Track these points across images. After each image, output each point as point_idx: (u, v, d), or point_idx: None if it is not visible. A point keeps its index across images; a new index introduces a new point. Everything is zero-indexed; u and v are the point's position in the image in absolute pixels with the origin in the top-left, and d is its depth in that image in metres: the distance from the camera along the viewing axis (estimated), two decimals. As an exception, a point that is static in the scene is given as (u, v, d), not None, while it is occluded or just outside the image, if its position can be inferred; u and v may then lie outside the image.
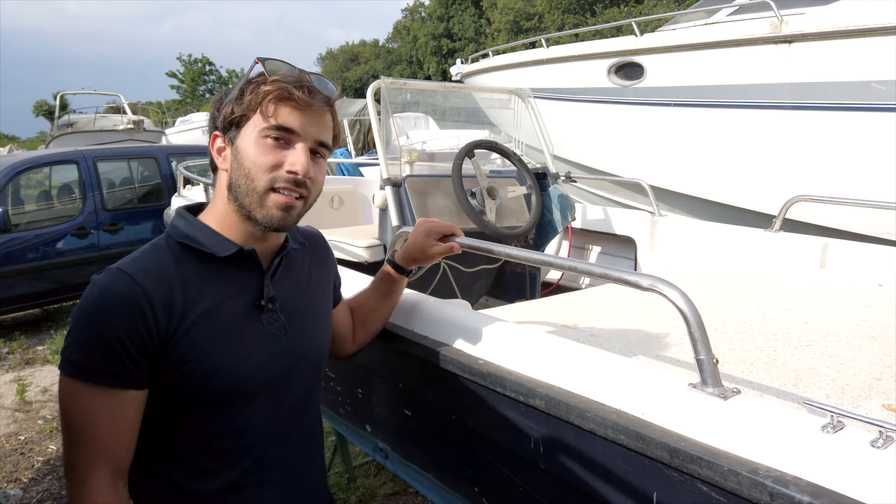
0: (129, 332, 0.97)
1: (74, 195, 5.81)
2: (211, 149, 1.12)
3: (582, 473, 1.19)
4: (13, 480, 3.16)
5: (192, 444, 1.08)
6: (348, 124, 14.53)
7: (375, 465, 3.00)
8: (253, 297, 1.11)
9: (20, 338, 5.32)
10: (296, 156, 1.07)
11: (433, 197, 3.08)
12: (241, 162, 1.07)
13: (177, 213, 1.14)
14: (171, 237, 1.09)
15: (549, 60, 6.21)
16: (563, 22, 29.48)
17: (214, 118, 1.12)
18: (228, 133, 1.09)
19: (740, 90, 4.71)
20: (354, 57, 50.16)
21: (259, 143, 1.06)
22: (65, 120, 15.87)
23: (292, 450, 1.18)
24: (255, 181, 1.06)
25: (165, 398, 1.04)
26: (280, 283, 1.17)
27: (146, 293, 0.99)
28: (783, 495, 0.85)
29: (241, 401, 1.09)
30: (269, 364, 1.11)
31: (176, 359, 1.02)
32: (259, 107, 1.05)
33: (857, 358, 1.50)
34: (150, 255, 1.06)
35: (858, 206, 3.66)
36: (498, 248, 1.46)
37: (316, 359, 1.25)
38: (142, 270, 1.01)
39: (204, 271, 1.07)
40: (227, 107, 1.08)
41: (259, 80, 1.06)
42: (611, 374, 1.17)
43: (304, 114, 1.06)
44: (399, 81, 3.30)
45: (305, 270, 1.26)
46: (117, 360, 0.98)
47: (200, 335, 1.03)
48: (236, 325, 1.08)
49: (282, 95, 1.04)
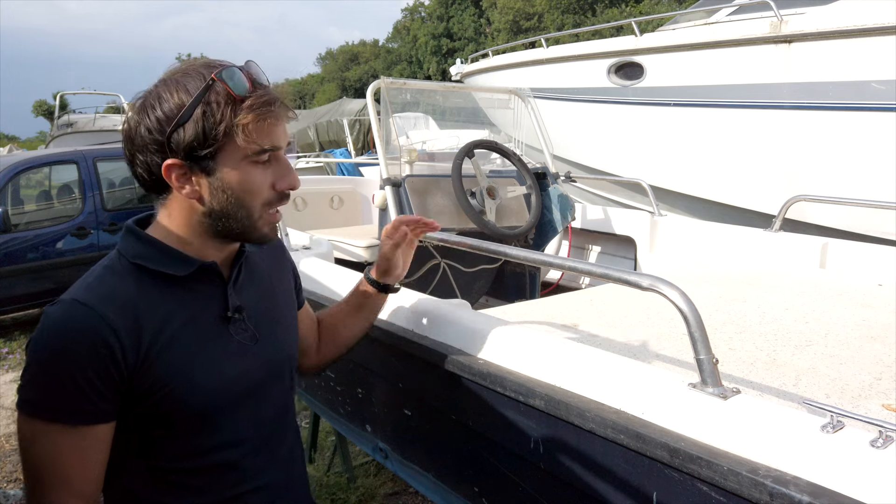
0: (95, 367, 0.92)
1: (74, 195, 5.80)
2: (165, 177, 0.99)
3: (582, 473, 1.19)
4: (13, 480, 3.16)
5: (176, 465, 1.05)
6: (348, 124, 14.53)
7: (375, 465, 3.00)
8: (219, 310, 1.07)
9: (20, 338, 5.32)
10: (284, 170, 1.04)
11: (433, 197, 3.08)
12: (230, 191, 1.01)
13: (126, 229, 1.06)
14: (125, 257, 1.02)
15: (548, 60, 6.21)
16: (563, 22, 29.49)
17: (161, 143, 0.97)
18: (195, 162, 0.98)
19: (740, 90, 4.71)
20: (354, 57, 50.15)
21: (248, 170, 1.01)
22: (65, 120, 15.88)
23: (277, 457, 1.17)
24: (249, 207, 1.03)
25: (143, 424, 1.01)
26: (243, 290, 1.13)
27: (110, 325, 0.93)
28: (783, 495, 0.85)
29: (220, 416, 1.06)
30: (244, 375, 1.09)
31: (149, 385, 0.97)
32: (239, 132, 0.97)
33: (857, 358, 1.50)
34: (106, 279, 0.99)
35: (858, 206, 3.66)
36: (498, 248, 1.46)
37: (289, 363, 1.22)
38: (102, 299, 0.95)
39: (166, 291, 1.02)
40: (181, 131, 0.96)
41: (221, 99, 0.97)
42: (611, 374, 1.17)
43: (282, 125, 1.03)
44: (399, 81, 3.30)
45: (266, 273, 1.22)
46: (83, 397, 0.92)
47: (172, 358, 0.99)
48: (206, 341, 1.05)
49: (262, 117, 0.98)
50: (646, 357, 1.51)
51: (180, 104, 0.97)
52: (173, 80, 1.00)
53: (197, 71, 0.99)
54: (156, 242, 1.04)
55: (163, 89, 0.99)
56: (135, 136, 1.00)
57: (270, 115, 1.00)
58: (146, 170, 1.01)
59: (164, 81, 1.00)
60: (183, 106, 0.97)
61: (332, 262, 2.47)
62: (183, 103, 0.97)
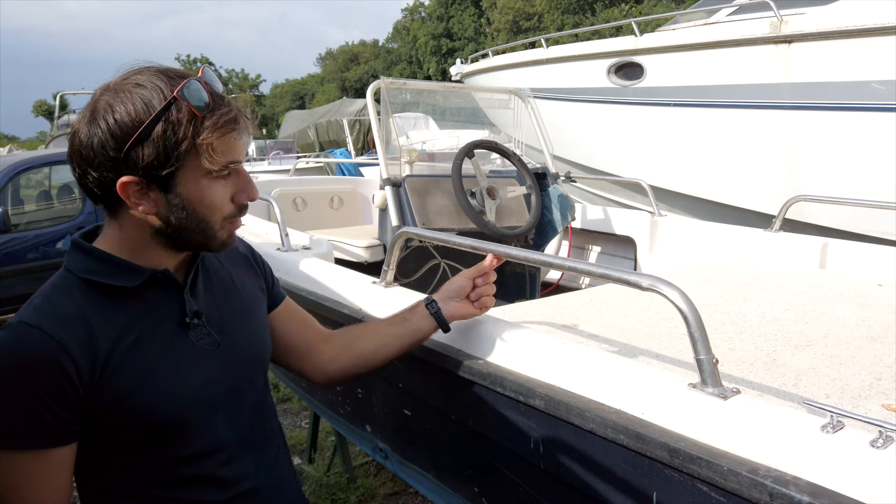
0: (49, 390, 0.89)
1: (74, 195, 5.80)
2: (121, 194, 0.95)
3: (582, 473, 1.19)
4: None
5: (155, 479, 1.02)
6: (348, 124, 14.53)
7: (375, 465, 3.00)
8: (177, 317, 1.04)
9: (20, 338, 5.32)
10: (243, 183, 1.03)
11: (433, 197, 3.08)
12: (190, 208, 0.98)
13: (72, 243, 1.03)
14: (73, 273, 0.99)
15: (548, 60, 6.21)
16: (563, 22, 29.49)
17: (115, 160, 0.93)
18: (154, 180, 0.95)
19: (740, 90, 4.71)
20: (354, 57, 50.17)
21: (209, 185, 0.98)
22: (64, 120, 15.88)
23: (261, 461, 1.14)
24: (208, 221, 1.01)
25: (109, 440, 0.98)
26: (202, 294, 1.10)
27: (61, 343, 0.90)
28: (783, 495, 0.85)
29: (192, 424, 1.03)
30: (210, 381, 1.06)
31: (110, 401, 0.95)
32: (203, 151, 0.94)
33: (857, 358, 1.50)
34: (55, 299, 0.96)
35: (858, 206, 3.66)
36: (498, 248, 1.46)
37: (260, 363, 1.19)
38: (51, 319, 0.92)
39: (118, 304, 0.99)
40: (139, 149, 0.92)
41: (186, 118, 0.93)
42: (611, 374, 1.17)
43: (242, 139, 1.01)
44: (399, 81, 3.30)
45: (227, 274, 1.19)
46: (38, 420, 0.90)
47: (131, 370, 0.96)
48: (166, 349, 1.01)
49: (224, 133, 0.96)
50: (646, 357, 1.51)
51: (138, 120, 0.92)
52: (126, 90, 0.94)
53: (153, 83, 0.94)
54: (103, 255, 1.00)
55: (116, 102, 0.93)
56: (85, 151, 0.95)
57: (233, 131, 0.97)
58: (98, 185, 0.97)
59: (115, 91, 0.94)
60: (141, 122, 0.92)
61: (332, 263, 2.47)
62: (141, 119, 0.92)
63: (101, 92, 0.96)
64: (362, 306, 1.87)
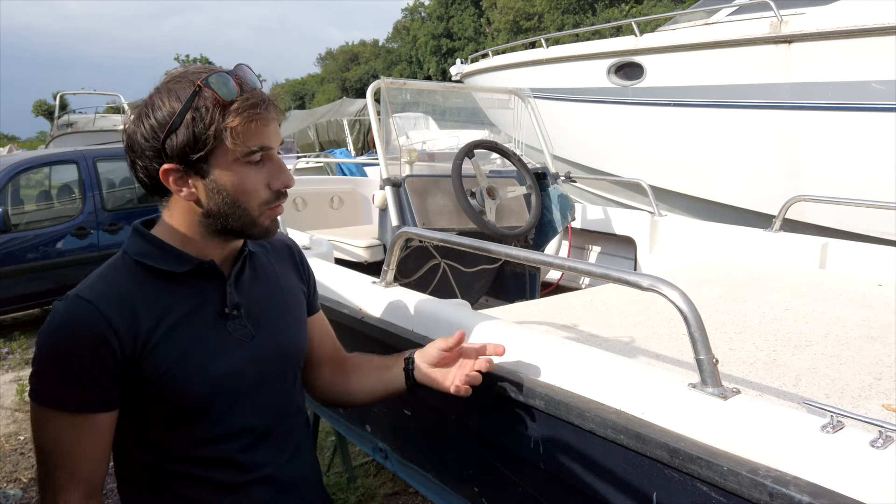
0: (92, 359, 0.99)
1: (74, 195, 5.80)
2: (164, 180, 1.04)
3: (582, 473, 1.19)
4: (13, 480, 3.16)
5: (177, 454, 1.09)
6: (348, 124, 14.53)
7: (375, 465, 3.00)
8: (217, 307, 1.11)
9: (20, 338, 5.32)
10: (277, 170, 1.08)
11: (433, 197, 3.08)
12: (225, 193, 1.05)
13: (133, 228, 1.13)
14: (128, 254, 1.09)
15: (548, 60, 6.20)
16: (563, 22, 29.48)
17: (157, 149, 1.02)
18: (191, 166, 1.03)
19: (740, 90, 4.71)
20: (354, 57, 50.15)
21: (241, 171, 1.05)
22: (64, 120, 15.89)
23: (280, 453, 1.19)
24: (245, 207, 1.07)
25: (145, 414, 1.06)
26: (245, 288, 1.16)
27: (107, 319, 1.00)
28: (783, 495, 0.85)
29: (219, 408, 1.09)
30: (240, 370, 1.11)
31: (146, 376, 1.03)
32: (230, 136, 1.01)
33: (857, 358, 1.50)
34: (108, 277, 1.06)
35: (858, 206, 3.66)
36: (498, 248, 1.46)
37: (291, 360, 1.24)
38: (102, 295, 1.02)
39: (164, 287, 1.07)
40: (174, 136, 1.01)
41: (210, 104, 1.00)
42: (611, 374, 1.17)
43: (270, 126, 1.06)
44: (399, 81, 3.30)
45: (272, 273, 1.25)
46: (83, 387, 0.99)
47: (168, 351, 1.04)
48: (203, 335, 1.08)
49: (250, 119, 1.02)
50: (646, 357, 1.51)
51: (172, 111, 1.01)
52: (166, 87, 1.04)
53: (187, 78, 1.03)
54: (158, 241, 1.09)
55: (157, 97, 1.04)
56: (134, 144, 1.05)
57: (257, 117, 1.03)
58: (146, 174, 1.07)
59: (157, 90, 1.05)
60: (174, 113, 1.01)
61: (332, 263, 2.47)
62: (174, 110, 1.01)
63: (150, 93, 1.07)
64: (362, 306, 1.87)
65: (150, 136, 1.03)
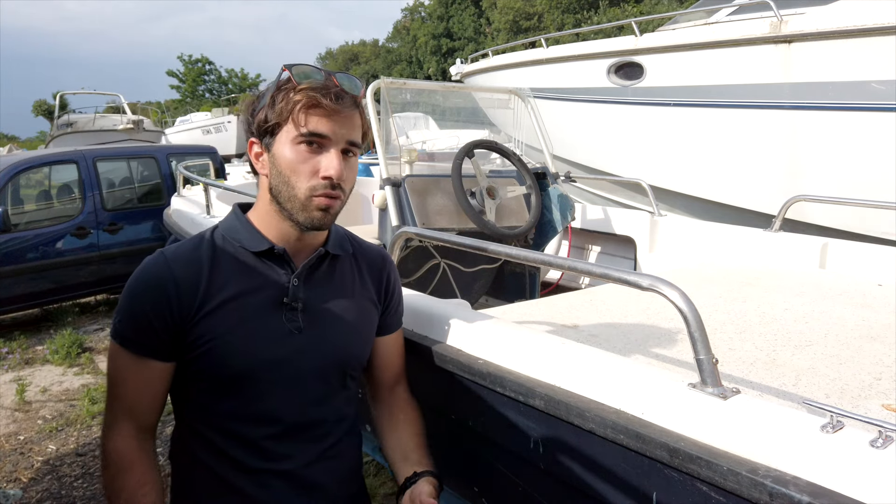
0: (154, 309, 1.09)
1: (74, 195, 5.80)
2: (249, 153, 1.18)
3: (582, 473, 1.19)
4: (13, 480, 3.16)
5: (211, 423, 1.15)
6: (348, 124, 14.49)
7: (375, 465, 3.00)
8: (278, 294, 1.16)
9: (20, 338, 5.31)
10: (329, 160, 1.11)
11: (433, 197, 3.08)
12: (280, 169, 1.12)
13: (233, 207, 1.23)
14: (219, 228, 1.20)
15: (548, 60, 6.20)
16: (563, 22, 29.47)
17: (249, 123, 1.16)
18: (264, 140, 1.14)
19: (740, 90, 4.71)
20: (354, 57, 50.16)
21: (294, 150, 1.10)
22: (64, 120, 15.88)
23: (310, 451, 1.19)
24: (294, 188, 1.11)
25: (191, 371, 1.13)
26: (313, 285, 1.20)
27: (174, 276, 1.10)
28: (783, 495, 0.85)
29: (255, 389, 1.14)
30: (282, 359, 1.15)
31: (196, 338, 1.10)
32: (290, 115, 1.09)
33: (857, 358, 1.50)
34: (192, 242, 1.17)
35: (858, 206, 3.66)
36: (497, 248, 1.46)
37: (338, 365, 1.23)
38: (177, 255, 1.13)
39: (237, 263, 1.15)
40: (259, 113, 1.13)
41: (288, 86, 1.10)
42: (610, 374, 1.17)
43: (333, 119, 1.10)
44: (399, 81, 3.30)
45: (351, 281, 1.27)
46: (144, 333, 1.09)
47: (220, 319, 1.11)
48: (256, 316, 1.13)
49: (311, 103, 1.08)
50: (646, 357, 1.51)
51: (264, 92, 1.15)
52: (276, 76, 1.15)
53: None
54: (244, 220, 1.19)
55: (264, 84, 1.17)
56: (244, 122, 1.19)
57: (318, 102, 1.08)
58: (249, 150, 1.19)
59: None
60: (265, 94, 1.14)
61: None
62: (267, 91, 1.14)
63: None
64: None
65: (247, 113, 1.17)
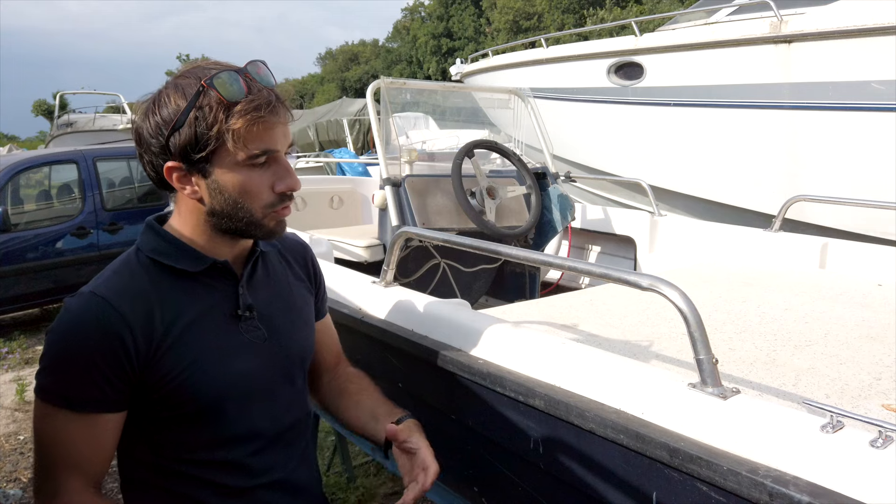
0: (106, 358, 0.96)
1: (74, 195, 5.80)
2: (167, 178, 1.03)
3: (582, 473, 1.19)
4: (13, 480, 3.16)
5: (188, 456, 1.07)
6: (348, 124, 14.52)
7: (375, 465, 3.00)
8: (230, 307, 1.10)
9: (20, 338, 5.31)
10: (283, 172, 1.05)
11: (433, 197, 3.08)
12: (227, 194, 1.03)
13: (146, 224, 1.11)
14: (142, 251, 1.07)
15: (548, 60, 6.20)
16: (563, 21, 29.47)
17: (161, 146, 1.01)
18: (194, 165, 1.01)
19: (740, 90, 4.71)
20: (354, 57, 50.14)
21: (243, 173, 1.02)
22: (64, 119, 15.88)
23: (290, 456, 1.18)
24: (248, 210, 1.04)
25: (153, 414, 1.04)
26: (257, 288, 1.15)
27: (123, 317, 0.98)
28: (783, 495, 0.85)
29: (231, 411, 1.08)
30: (252, 372, 1.10)
31: (161, 377, 1.01)
32: (230, 137, 0.98)
33: (857, 358, 1.50)
34: (123, 274, 1.04)
35: (858, 206, 3.66)
36: (497, 248, 1.46)
37: (301, 362, 1.22)
38: (117, 293, 1.00)
39: (179, 286, 1.05)
40: (178, 136, 0.99)
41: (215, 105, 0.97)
42: (610, 373, 1.17)
43: (277, 128, 1.02)
44: (399, 81, 3.30)
45: (283, 273, 1.23)
46: (93, 385, 0.97)
47: (183, 352, 1.02)
48: (217, 337, 1.07)
49: (253, 121, 0.98)
50: (646, 357, 1.51)
51: (177, 109, 0.99)
52: (174, 83, 1.02)
53: (195, 75, 1.01)
54: (171, 238, 1.08)
55: (164, 93, 1.02)
56: (141, 138, 1.04)
57: (261, 121, 0.99)
58: (153, 170, 1.05)
59: (167, 85, 1.03)
60: (179, 111, 0.99)
61: (332, 262, 2.47)
62: (179, 108, 0.99)
63: (160, 87, 1.04)
64: (362, 306, 1.87)
65: (155, 133, 1.01)
